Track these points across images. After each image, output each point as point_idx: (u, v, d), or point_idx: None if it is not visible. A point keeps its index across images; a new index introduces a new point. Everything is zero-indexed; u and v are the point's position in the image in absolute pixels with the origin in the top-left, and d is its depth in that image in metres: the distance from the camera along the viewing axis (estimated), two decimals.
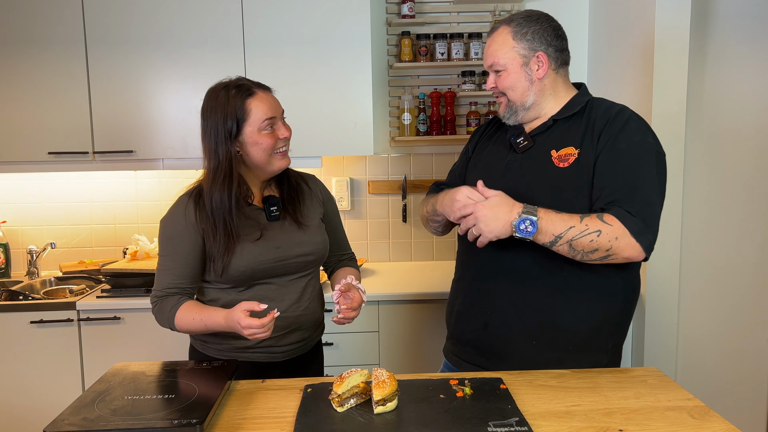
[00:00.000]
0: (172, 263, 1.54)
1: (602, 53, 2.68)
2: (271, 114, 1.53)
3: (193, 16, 2.51)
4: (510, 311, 1.53)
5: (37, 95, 2.52)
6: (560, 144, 1.51)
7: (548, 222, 1.38)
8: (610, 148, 1.45)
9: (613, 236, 1.37)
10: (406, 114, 2.85)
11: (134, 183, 2.92)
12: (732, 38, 2.31)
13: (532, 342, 1.53)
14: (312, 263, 1.65)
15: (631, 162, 1.43)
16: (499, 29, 1.55)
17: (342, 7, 2.53)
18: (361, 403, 1.28)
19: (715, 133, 2.36)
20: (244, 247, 1.53)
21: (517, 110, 1.56)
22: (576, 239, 1.38)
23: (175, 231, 1.55)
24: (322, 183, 1.78)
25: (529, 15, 1.54)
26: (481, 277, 1.58)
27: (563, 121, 1.54)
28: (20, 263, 2.90)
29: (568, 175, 1.47)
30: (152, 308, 1.57)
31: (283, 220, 1.61)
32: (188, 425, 1.13)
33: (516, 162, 1.56)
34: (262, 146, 1.53)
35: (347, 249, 1.85)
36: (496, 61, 1.53)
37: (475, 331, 1.60)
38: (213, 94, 1.54)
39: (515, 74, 1.53)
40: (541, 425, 1.21)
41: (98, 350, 2.42)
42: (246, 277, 1.54)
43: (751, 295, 2.41)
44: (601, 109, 1.52)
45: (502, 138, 1.65)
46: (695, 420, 1.23)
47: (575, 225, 1.38)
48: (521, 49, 1.51)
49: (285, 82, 2.53)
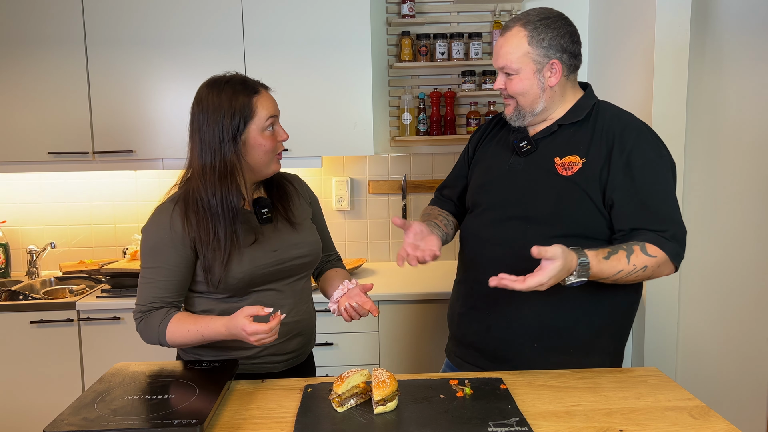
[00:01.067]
0: (157, 276, 1.44)
1: (602, 53, 2.68)
2: (274, 112, 1.49)
3: (193, 16, 2.51)
4: (512, 315, 1.53)
5: (37, 95, 2.52)
6: (564, 151, 1.50)
7: (599, 272, 1.38)
8: (626, 166, 1.43)
9: (656, 265, 1.41)
10: (406, 114, 2.85)
11: (134, 183, 2.92)
12: (732, 38, 2.31)
13: (534, 345, 1.52)
14: (308, 265, 1.59)
15: (651, 179, 1.43)
16: (513, 29, 1.48)
17: (342, 7, 2.53)
18: (361, 403, 1.28)
19: (715, 133, 2.36)
20: (240, 252, 1.44)
21: (525, 115, 1.53)
22: (623, 278, 1.41)
23: (159, 241, 1.43)
24: (306, 183, 1.71)
25: (546, 17, 1.48)
26: (483, 280, 1.56)
27: (568, 126, 1.52)
28: (20, 263, 2.90)
29: (571, 184, 1.46)
30: (136, 324, 1.46)
31: (276, 222, 1.54)
32: (188, 425, 1.12)
33: (519, 166, 1.55)
34: (264, 147, 1.46)
35: (333, 249, 1.78)
36: (508, 64, 1.49)
37: (477, 333, 1.59)
38: (215, 88, 1.44)
39: (528, 81, 1.49)
40: (541, 425, 1.21)
41: (98, 350, 2.42)
42: (244, 284, 1.46)
43: (751, 295, 2.41)
44: (607, 118, 1.50)
45: (504, 139, 1.63)
46: (695, 420, 1.23)
47: (623, 268, 1.39)
48: (536, 55, 1.47)
49: (285, 82, 2.53)
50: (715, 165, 2.38)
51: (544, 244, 1.46)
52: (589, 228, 1.48)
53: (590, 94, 1.56)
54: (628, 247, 1.41)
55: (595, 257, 1.37)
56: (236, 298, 1.48)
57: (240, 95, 1.43)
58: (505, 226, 1.54)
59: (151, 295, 1.44)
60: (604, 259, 1.38)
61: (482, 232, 1.58)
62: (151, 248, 1.45)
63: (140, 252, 1.48)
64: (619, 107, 1.57)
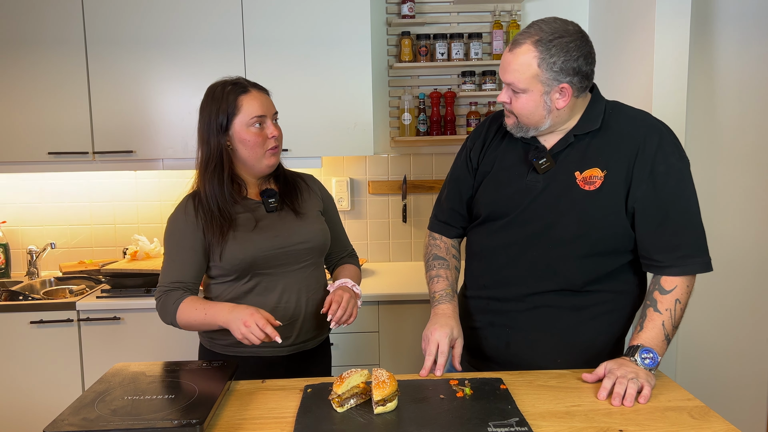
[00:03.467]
0: (176, 258, 1.60)
1: (602, 53, 2.67)
2: (261, 112, 1.58)
3: (193, 16, 2.51)
4: (533, 333, 1.51)
5: (37, 95, 2.52)
6: (583, 165, 1.43)
7: (651, 339, 1.39)
8: (650, 175, 1.40)
9: (683, 291, 1.42)
10: (406, 114, 2.85)
11: (134, 183, 2.92)
12: (732, 39, 2.31)
13: (557, 360, 1.51)
14: (311, 251, 1.67)
15: (674, 188, 1.41)
16: (523, 46, 1.37)
17: (342, 7, 2.53)
18: (361, 403, 1.28)
19: (715, 133, 2.36)
20: (242, 236, 1.57)
21: (528, 130, 1.45)
22: (677, 320, 1.42)
23: (176, 228, 1.61)
24: (320, 182, 1.82)
25: (561, 36, 1.35)
26: (501, 298, 1.54)
27: (583, 136, 1.45)
28: (20, 263, 2.90)
29: (595, 199, 1.42)
30: (156, 304, 1.60)
31: (282, 211, 1.66)
32: (188, 425, 1.12)
33: (538, 183, 1.46)
34: (249, 142, 1.58)
35: (348, 246, 1.88)
36: (515, 83, 1.39)
37: (495, 349, 1.57)
38: (211, 90, 1.61)
39: (533, 102, 1.40)
40: (541, 425, 1.21)
41: (98, 350, 2.42)
42: (246, 265, 1.58)
43: (752, 295, 2.41)
44: (622, 122, 1.45)
45: (511, 149, 1.53)
46: (695, 420, 1.23)
47: (663, 320, 1.40)
48: (545, 78, 1.37)
49: (285, 82, 2.54)
50: (715, 165, 2.38)
51: (567, 266, 1.46)
52: (613, 243, 1.45)
53: (598, 96, 1.48)
54: (652, 302, 1.42)
55: (638, 339, 1.39)
56: (242, 281, 1.61)
57: (228, 94, 1.58)
58: (525, 246, 1.48)
59: (170, 277, 1.59)
60: (654, 340, 1.38)
61: (499, 251, 1.53)
62: (170, 234, 1.62)
63: (163, 239, 1.64)
64: (629, 106, 1.51)
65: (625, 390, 1.29)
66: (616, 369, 1.34)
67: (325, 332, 1.75)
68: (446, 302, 1.55)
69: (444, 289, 1.58)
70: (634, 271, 1.51)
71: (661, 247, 1.42)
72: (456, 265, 1.66)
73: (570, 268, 1.46)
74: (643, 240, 1.44)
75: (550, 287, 1.48)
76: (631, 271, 1.50)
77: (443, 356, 1.45)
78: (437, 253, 1.65)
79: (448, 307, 1.54)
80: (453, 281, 1.61)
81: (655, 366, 1.36)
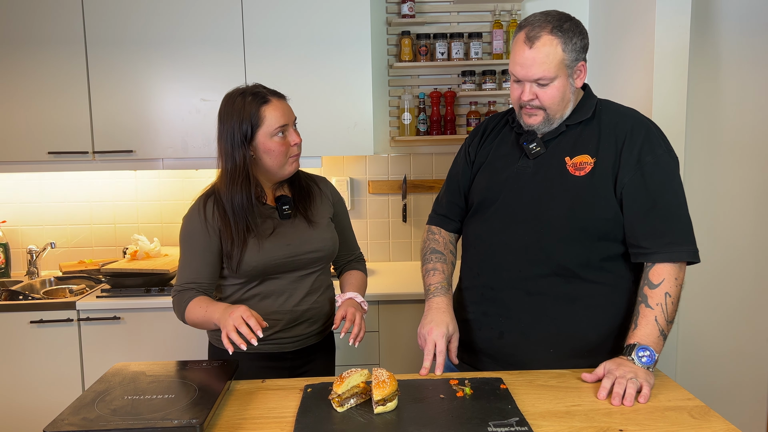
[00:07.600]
0: (191, 259, 1.62)
1: (602, 53, 2.67)
2: (283, 122, 1.60)
3: (193, 16, 2.51)
4: (527, 321, 1.52)
5: (37, 95, 2.52)
6: (574, 151, 1.48)
7: (646, 336, 1.39)
8: (636, 163, 1.44)
9: (671, 284, 1.42)
10: (406, 114, 2.85)
11: (134, 183, 2.92)
12: (732, 39, 2.31)
13: (550, 350, 1.51)
14: (321, 260, 1.70)
15: (661, 177, 1.44)
16: (542, 38, 1.41)
17: (342, 7, 2.53)
18: (361, 403, 1.28)
19: (715, 133, 2.36)
20: (257, 244, 1.60)
21: (554, 122, 1.49)
22: (670, 314, 1.42)
23: (192, 229, 1.63)
24: (332, 185, 1.83)
25: (567, 20, 1.44)
26: (495, 286, 1.55)
27: (575, 126, 1.51)
28: (20, 263, 2.90)
29: (585, 184, 1.46)
30: (172, 301, 1.64)
31: (294, 219, 1.67)
32: (188, 425, 1.13)
33: (528, 168, 1.52)
34: (274, 152, 1.59)
35: (356, 250, 1.90)
36: (545, 74, 1.42)
37: (488, 340, 1.57)
38: (230, 100, 1.60)
39: (562, 88, 1.45)
40: (541, 425, 1.21)
41: (98, 350, 2.42)
42: (258, 272, 1.61)
43: (751, 295, 2.41)
44: (612, 116, 1.50)
45: (506, 140, 1.59)
46: (695, 420, 1.23)
47: (656, 315, 1.40)
48: (569, 61, 1.43)
49: (285, 81, 2.51)
50: (715, 165, 2.38)
51: (558, 248, 1.48)
52: (603, 228, 1.47)
53: (590, 93, 1.55)
54: (643, 298, 1.43)
55: (634, 337, 1.39)
56: (251, 284, 1.64)
57: (249, 105, 1.57)
58: (517, 230, 1.51)
59: (186, 277, 1.62)
60: (648, 337, 1.38)
61: (492, 237, 1.55)
62: (186, 234, 1.64)
63: (179, 238, 1.66)
64: (619, 104, 1.56)
65: (625, 390, 1.30)
66: (615, 369, 1.35)
67: (327, 328, 1.77)
68: (441, 295, 1.58)
69: (440, 282, 1.61)
70: (628, 267, 1.51)
71: (647, 234, 1.44)
72: (452, 261, 1.68)
73: (561, 251, 1.48)
74: (630, 226, 1.46)
75: (543, 271, 1.49)
76: (625, 267, 1.50)
77: (441, 355, 1.46)
78: (435, 247, 1.68)
79: (443, 301, 1.56)
80: (449, 275, 1.65)
81: (653, 363, 1.36)
